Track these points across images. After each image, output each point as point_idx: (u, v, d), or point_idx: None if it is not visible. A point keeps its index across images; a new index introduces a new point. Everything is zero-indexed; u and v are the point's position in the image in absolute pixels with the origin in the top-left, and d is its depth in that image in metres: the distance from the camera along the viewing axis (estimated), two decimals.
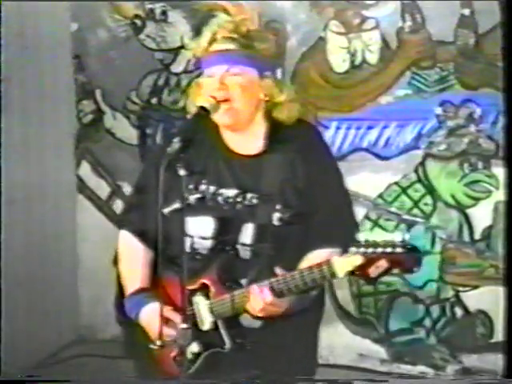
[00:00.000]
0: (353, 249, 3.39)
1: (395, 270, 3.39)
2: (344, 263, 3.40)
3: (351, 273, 3.39)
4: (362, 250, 3.35)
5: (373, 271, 3.35)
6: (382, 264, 3.33)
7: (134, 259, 3.99)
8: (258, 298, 3.56)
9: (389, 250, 3.31)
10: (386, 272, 3.36)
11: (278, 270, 3.61)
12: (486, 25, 6.34)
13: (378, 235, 3.48)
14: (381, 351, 6.83)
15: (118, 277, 4.02)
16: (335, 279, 3.55)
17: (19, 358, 6.72)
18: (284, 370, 3.90)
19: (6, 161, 6.66)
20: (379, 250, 3.32)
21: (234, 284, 3.73)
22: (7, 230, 6.62)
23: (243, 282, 3.73)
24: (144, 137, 7.34)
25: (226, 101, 3.73)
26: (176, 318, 3.70)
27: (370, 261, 3.33)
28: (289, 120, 3.84)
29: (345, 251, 3.47)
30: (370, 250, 3.34)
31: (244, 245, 3.82)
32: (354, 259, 3.36)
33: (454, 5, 6.36)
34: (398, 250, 3.30)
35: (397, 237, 3.35)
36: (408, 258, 3.33)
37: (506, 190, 3.79)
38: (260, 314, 3.62)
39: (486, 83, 6.43)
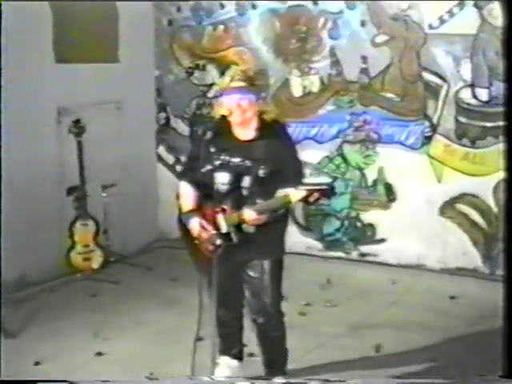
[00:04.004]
0: (301, 187, 3.56)
1: (323, 199, 3.60)
2: (295, 194, 3.56)
3: (300, 200, 3.56)
4: (305, 187, 3.55)
5: (310, 199, 3.54)
6: (315, 195, 3.52)
7: (187, 195, 3.96)
8: (249, 215, 3.68)
9: (318, 187, 3.53)
10: (318, 199, 3.56)
11: (259, 201, 3.72)
12: (374, 71, 6.38)
13: (315, 180, 3.86)
14: (318, 245, 6.87)
15: (179, 205, 4.01)
16: (291, 204, 3.67)
17: (124, 247, 6.88)
18: (267, 253, 3.93)
19: (122, 143, 6.89)
20: (315, 187, 3.53)
21: (238, 208, 3.75)
22: (123, 182, 6.84)
23: (245, 207, 3.74)
24: (192, 132, 7.28)
25: (242, 113, 3.76)
26: (207, 226, 3.78)
27: (309, 193, 3.52)
28: (269, 120, 3.87)
29: (296, 187, 3.58)
30: (310, 187, 3.53)
31: (244, 188, 3.82)
32: (300, 192, 3.54)
33: (357, 62, 6.41)
34: (324, 187, 3.54)
35: (323, 181, 3.87)
36: (328, 192, 3.56)
37: (506, 189, 3.38)
38: (251, 223, 3.71)
39: (373, 104, 6.45)
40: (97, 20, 6.69)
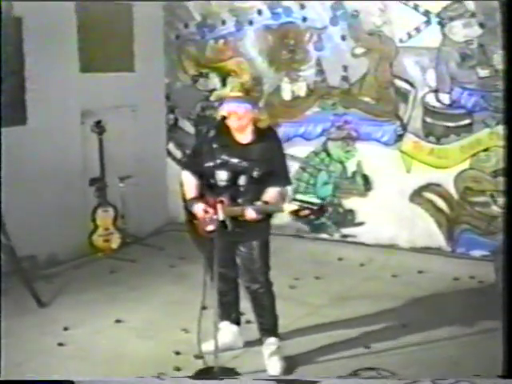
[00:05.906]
0: (294, 201, 3.58)
1: (312, 216, 3.61)
2: (289, 207, 3.59)
3: (292, 212, 3.60)
4: (297, 203, 3.55)
5: (301, 213, 3.56)
6: (306, 211, 3.54)
7: (190, 184, 3.94)
8: (250, 213, 3.69)
9: (309, 205, 3.53)
10: (308, 215, 3.59)
11: (259, 203, 3.73)
12: (353, 79, 6.34)
13: (306, 197, 3.84)
14: (306, 228, 6.74)
15: (183, 192, 4.00)
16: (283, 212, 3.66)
17: (138, 230, 6.74)
18: (255, 237, 3.93)
19: (137, 141, 6.84)
20: (305, 204, 3.53)
21: (234, 202, 3.79)
22: (138, 174, 6.75)
23: (239, 201, 3.79)
24: (197, 130, 7.17)
25: (238, 119, 3.78)
26: (209, 210, 3.76)
27: (300, 209, 3.55)
28: (263, 126, 3.90)
29: (283, 186, 3.77)
30: (301, 203, 3.54)
31: (240, 185, 3.84)
32: (293, 206, 3.56)
33: (338, 70, 6.39)
34: (314, 206, 3.54)
35: (315, 200, 3.58)
36: (319, 211, 3.55)
37: (506, 181, 3.23)
38: (248, 218, 3.70)
39: (353, 106, 6.39)
40: (115, 36, 6.66)
